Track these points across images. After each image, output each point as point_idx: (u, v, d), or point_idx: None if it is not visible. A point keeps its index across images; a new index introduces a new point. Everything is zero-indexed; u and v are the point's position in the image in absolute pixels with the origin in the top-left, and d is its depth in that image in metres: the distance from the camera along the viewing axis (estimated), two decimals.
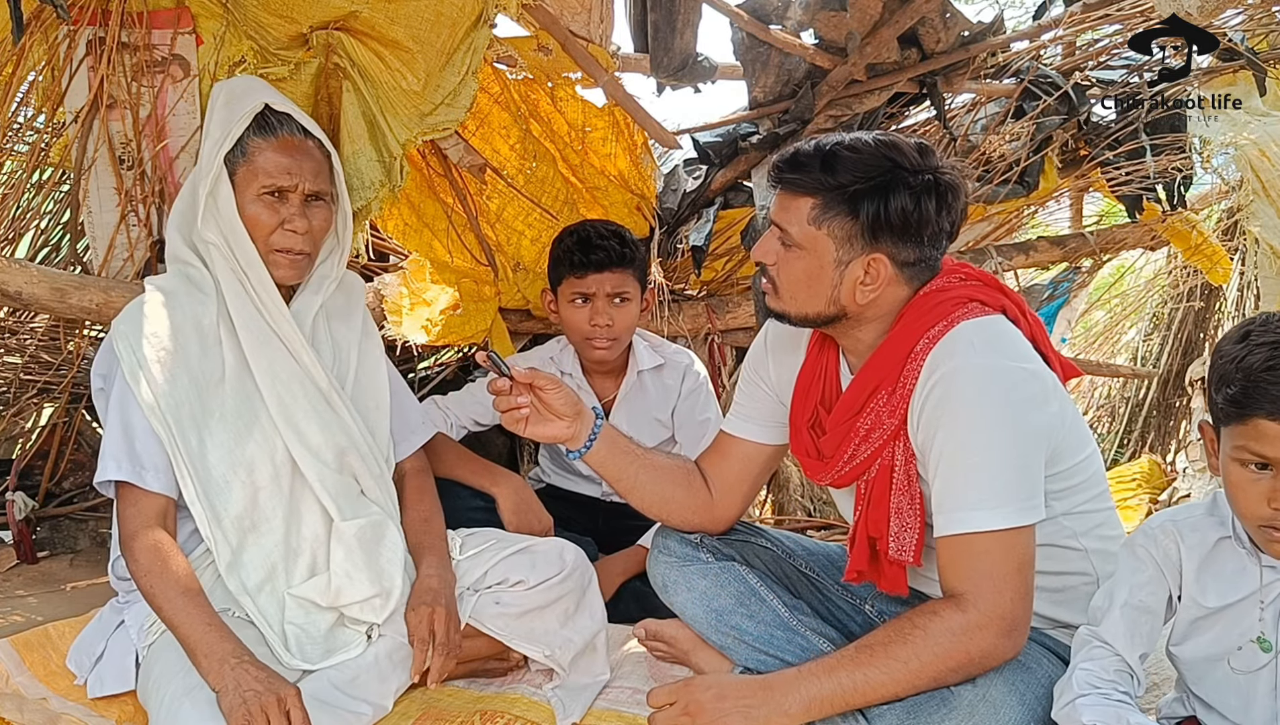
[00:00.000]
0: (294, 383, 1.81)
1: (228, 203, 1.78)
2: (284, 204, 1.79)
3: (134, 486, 1.71)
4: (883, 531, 1.59)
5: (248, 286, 1.80)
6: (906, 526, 1.57)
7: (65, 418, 2.78)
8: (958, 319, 1.56)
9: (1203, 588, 1.39)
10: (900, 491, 1.58)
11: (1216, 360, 1.32)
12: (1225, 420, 1.30)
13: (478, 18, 2.13)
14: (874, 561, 1.63)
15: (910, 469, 1.57)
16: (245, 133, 1.78)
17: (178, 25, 2.16)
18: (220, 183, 1.78)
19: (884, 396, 1.60)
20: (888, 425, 1.59)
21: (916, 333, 1.58)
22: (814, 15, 2.80)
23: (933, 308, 1.59)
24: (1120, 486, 3.51)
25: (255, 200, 1.78)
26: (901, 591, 1.62)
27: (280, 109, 1.81)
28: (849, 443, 1.64)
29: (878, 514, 1.60)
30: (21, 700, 1.70)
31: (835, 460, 1.67)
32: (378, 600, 1.77)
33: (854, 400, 1.64)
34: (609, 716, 1.80)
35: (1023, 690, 1.47)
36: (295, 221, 1.79)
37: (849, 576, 1.68)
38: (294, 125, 1.81)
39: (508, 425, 1.76)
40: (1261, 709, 1.36)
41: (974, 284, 1.63)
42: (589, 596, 1.93)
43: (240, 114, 1.77)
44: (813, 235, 1.59)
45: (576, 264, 2.40)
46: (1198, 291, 4.92)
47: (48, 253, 2.86)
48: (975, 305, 1.59)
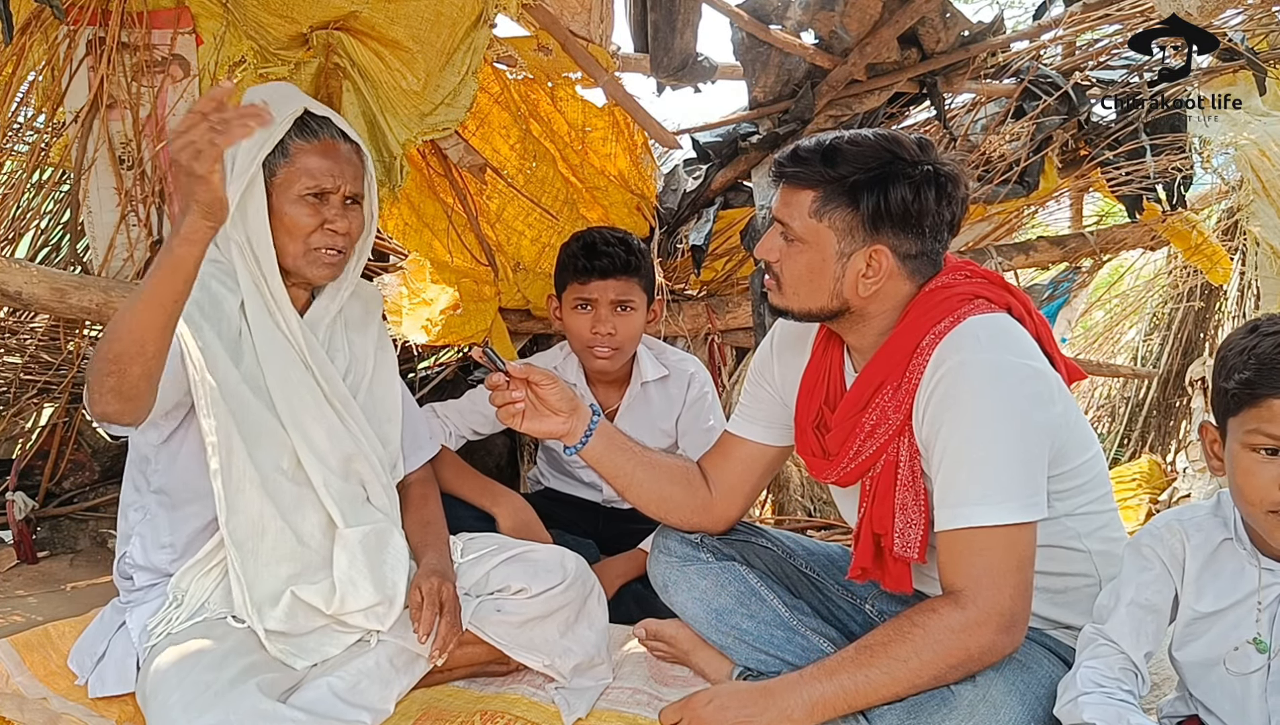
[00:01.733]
0: (303, 388, 1.81)
1: (259, 206, 1.78)
2: (325, 205, 1.80)
3: None
4: (887, 528, 1.59)
5: (264, 289, 1.81)
6: (911, 523, 1.56)
7: (65, 418, 2.78)
8: (964, 315, 1.56)
9: (1199, 590, 1.39)
10: (905, 487, 1.58)
11: (1224, 353, 1.33)
12: (1235, 408, 1.30)
13: (478, 18, 2.13)
14: (878, 559, 1.63)
15: (915, 465, 1.57)
16: (286, 136, 1.78)
17: (178, 25, 2.16)
18: (255, 185, 1.77)
19: (889, 392, 1.60)
20: (893, 421, 1.59)
21: (922, 328, 1.58)
22: (814, 15, 2.80)
23: (938, 303, 1.59)
24: (1120, 486, 3.51)
25: (297, 201, 1.79)
26: (906, 589, 1.62)
27: (320, 113, 1.83)
28: (854, 438, 1.64)
29: (882, 510, 1.60)
30: (22, 700, 1.70)
31: (840, 457, 1.67)
32: (381, 608, 1.77)
33: (859, 395, 1.64)
34: (609, 716, 1.80)
35: (1023, 690, 1.47)
36: (337, 222, 1.81)
37: (853, 574, 1.68)
38: (334, 129, 1.83)
39: (503, 420, 1.76)
40: (1256, 712, 1.36)
41: (979, 281, 1.64)
42: (590, 606, 1.93)
43: (282, 117, 1.77)
44: (814, 228, 1.60)
45: (580, 270, 2.37)
46: (1198, 291, 4.92)
47: (48, 253, 2.86)
48: (981, 302, 1.59)
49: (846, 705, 1.49)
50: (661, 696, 1.86)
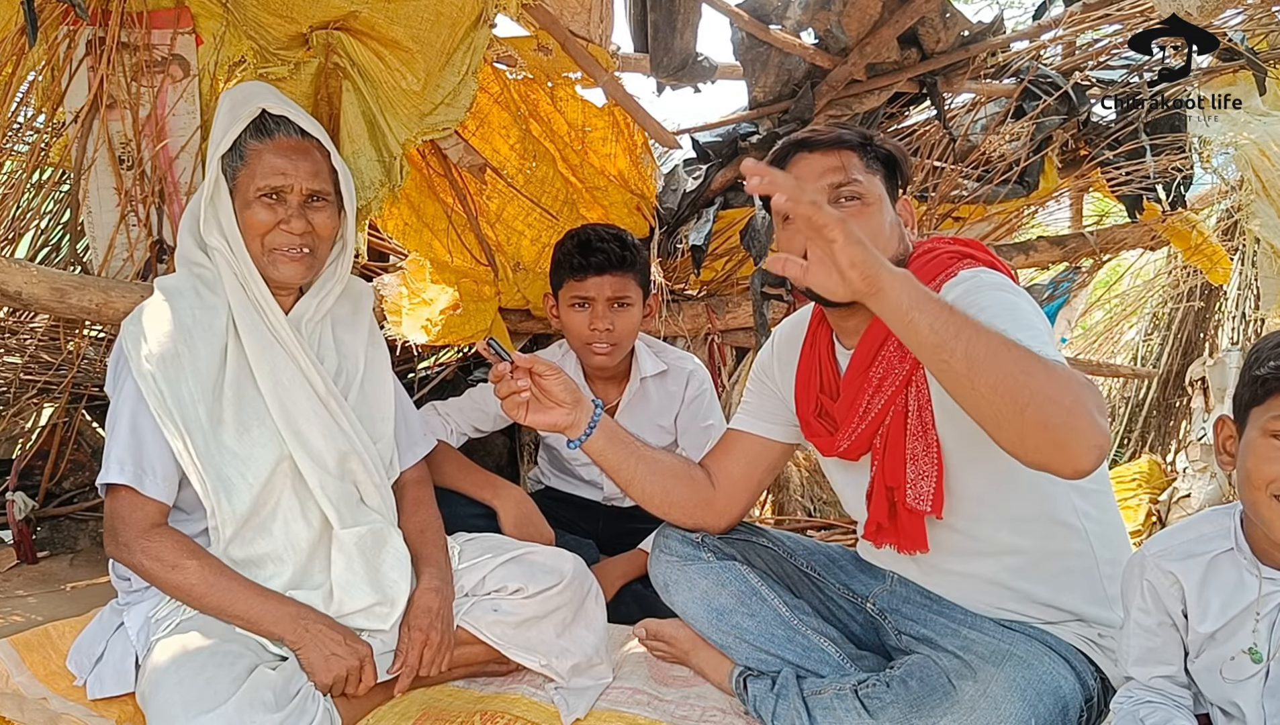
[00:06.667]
0: (296, 388, 1.81)
1: (226, 207, 1.79)
2: (282, 205, 1.79)
3: (134, 492, 1.71)
4: (900, 480, 1.61)
5: (250, 291, 1.81)
6: (923, 474, 1.58)
7: (65, 418, 2.78)
8: (955, 271, 1.62)
9: (1203, 612, 1.39)
10: (915, 437, 1.60)
11: (1260, 346, 1.34)
12: (1264, 395, 1.30)
13: (478, 18, 2.13)
14: (892, 516, 1.65)
15: (925, 415, 1.59)
16: (242, 136, 1.78)
17: (177, 25, 2.16)
18: (219, 187, 1.79)
19: (894, 344, 1.63)
20: (899, 371, 1.62)
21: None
22: (814, 15, 2.80)
23: (927, 264, 1.65)
24: (1120, 486, 3.50)
25: (254, 202, 1.78)
26: (922, 547, 1.63)
27: (277, 112, 1.81)
28: (863, 396, 1.67)
29: (894, 462, 1.62)
30: (21, 700, 1.70)
31: (849, 420, 1.69)
32: (380, 608, 1.77)
33: (864, 356, 1.67)
34: (609, 717, 1.80)
35: (1023, 687, 1.47)
36: (292, 222, 1.79)
37: (868, 533, 1.69)
38: (291, 127, 1.81)
39: (507, 412, 1.77)
40: (1252, 718, 1.37)
41: (962, 245, 1.70)
42: (587, 606, 1.93)
43: (238, 119, 1.78)
44: (874, 181, 1.70)
45: (576, 267, 2.38)
46: (1198, 291, 4.92)
47: (48, 253, 2.86)
48: (968, 260, 1.65)
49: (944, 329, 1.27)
50: (661, 696, 1.86)
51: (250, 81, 2.04)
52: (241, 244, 1.79)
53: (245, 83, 2.01)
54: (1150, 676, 1.45)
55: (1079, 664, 1.58)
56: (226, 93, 1.90)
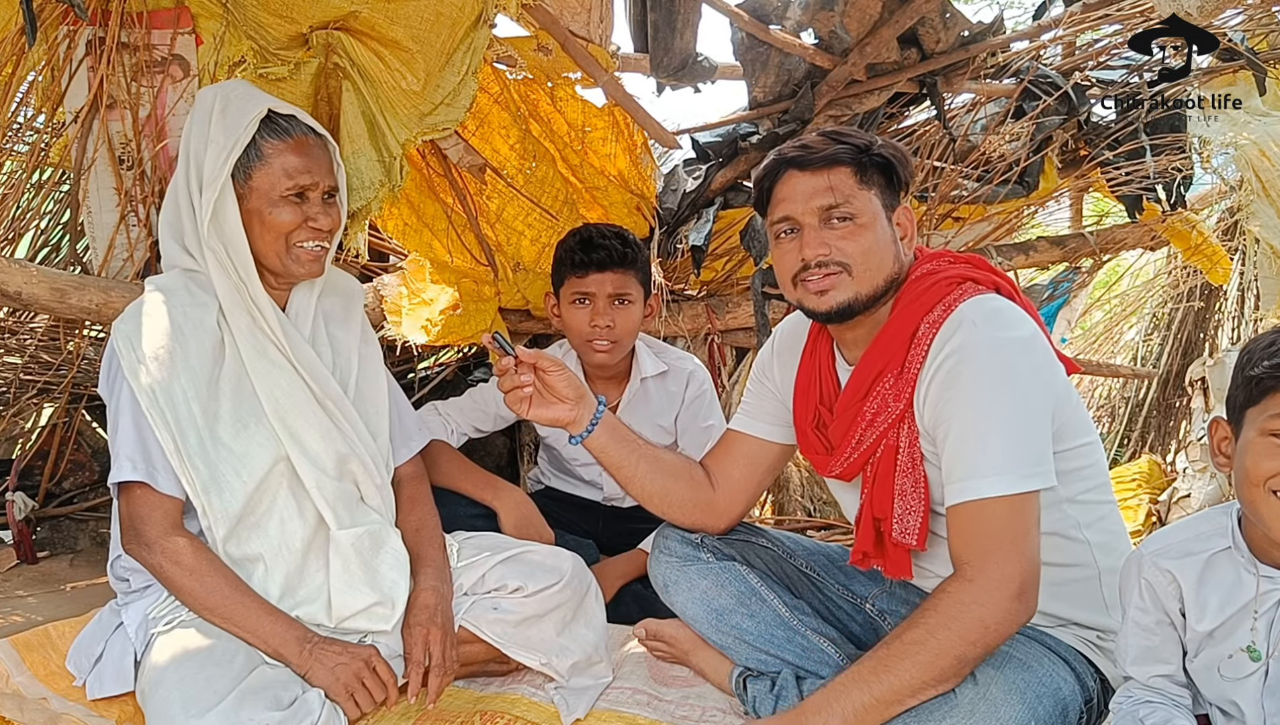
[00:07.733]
0: (293, 390, 1.81)
1: (232, 211, 1.77)
2: (306, 202, 1.80)
3: (149, 488, 1.70)
4: (887, 513, 1.61)
5: (244, 295, 1.80)
6: (910, 509, 1.59)
7: (65, 418, 2.78)
8: (956, 301, 1.59)
9: (1201, 610, 1.39)
10: (904, 474, 1.60)
11: (1249, 347, 1.33)
12: (1259, 395, 1.29)
13: (477, 18, 2.12)
14: (879, 544, 1.65)
15: (915, 452, 1.59)
16: (257, 136, 1.77)
17: (177, 25, 2.16)
18: (226, 192, 1.76)
19: (889, 380, 1.62)
20: (893, 409, 1.61)
21: (916, 315, 1.61)
22: (814, 15, 2.80)
23: (928, 290, 1.63)
24: (1120, 486, 3.50)
25: (278, 202, 1.78)
26: (906, 575, 1.64)
27: (285, 111, 1.82)
28: (856, 428, 1.66)
29: (882, 495, 1.62)
30: (21, 700, 1.70)
31: (843, 447, 1.69)
32: (380, 609, 1.77)
33: (859, 385, 1.66)
34: (609, 716, 1.80)
35: (1023, 689, 1.47)
36: (319, 219, 1.81)
37: (854, 559, 1.70)
38: (302, 125, 1.82)
39: (511, 406, 1.77)
40: (1251, 717, 1.37)
41: (964, 266, 1.68)
42: (587, 604, 1.93)
43: (246, 120, 1.76)
44: (866, 198, 1.64)
45: (577, 263, 2.38)
46: (1198, 291, 4.92)
47: (48, 253, 2.86)
48: (969, 284, 1.63)
49: (881, 707, 1.47)
50: (661, 696, 1.86)
51: (235, 80, 2.02)
52: (244, 246, 1.78)
53: (225, 82, 1.96)
54: (1149, 675, 1.45)
55: (1078, 665, 1.58)
56: (211, 91, 1.85)
